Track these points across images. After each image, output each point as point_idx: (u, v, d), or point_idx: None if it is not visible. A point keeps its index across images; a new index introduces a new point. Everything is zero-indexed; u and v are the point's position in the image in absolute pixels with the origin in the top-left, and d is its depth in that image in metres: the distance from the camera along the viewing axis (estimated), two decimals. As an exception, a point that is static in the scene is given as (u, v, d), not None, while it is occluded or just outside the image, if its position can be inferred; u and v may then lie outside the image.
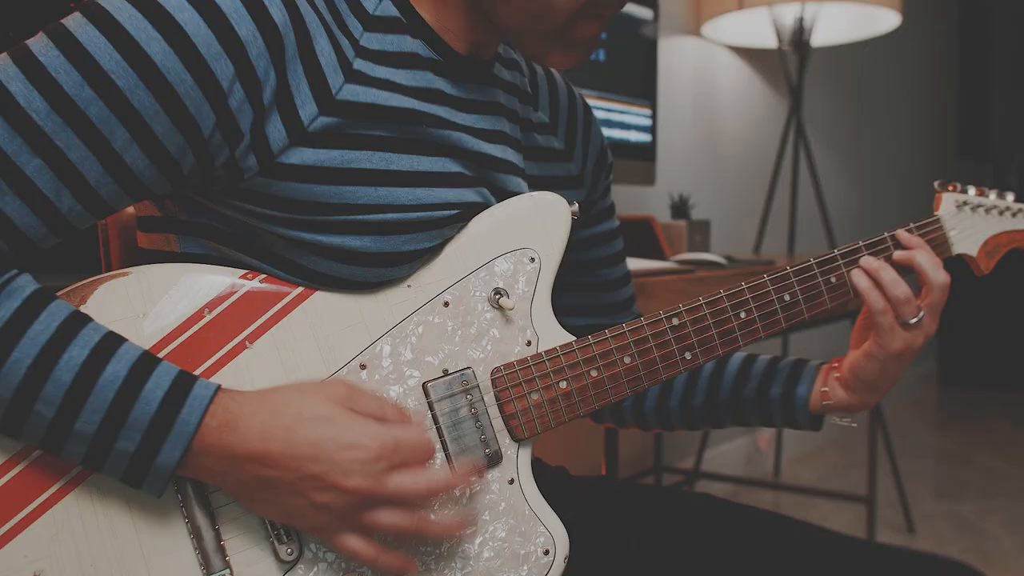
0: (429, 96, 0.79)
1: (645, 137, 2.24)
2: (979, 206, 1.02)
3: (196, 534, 0.69)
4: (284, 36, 0.69)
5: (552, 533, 0.80)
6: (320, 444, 0.65)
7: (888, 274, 0.89)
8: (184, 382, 0.65)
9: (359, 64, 0.74)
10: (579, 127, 1.02)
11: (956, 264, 0.99)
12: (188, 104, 0.66)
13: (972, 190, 1.02)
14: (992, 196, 1.04)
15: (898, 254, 0.91)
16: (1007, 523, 2.81)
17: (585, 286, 1.03)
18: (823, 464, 3.46)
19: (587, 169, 1.01)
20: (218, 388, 0.66)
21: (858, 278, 0.89)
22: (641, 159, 2.23)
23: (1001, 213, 1.04)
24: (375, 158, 0.74)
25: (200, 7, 0.65)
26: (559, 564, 0.79)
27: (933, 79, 4.76)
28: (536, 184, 0.93)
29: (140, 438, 0.63)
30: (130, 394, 0.63)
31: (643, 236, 2.02)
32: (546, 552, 0.79)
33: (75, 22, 0.65)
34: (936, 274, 0.90)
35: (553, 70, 1.01)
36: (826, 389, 0.94)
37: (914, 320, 0.88)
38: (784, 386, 0.97)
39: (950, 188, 1.02)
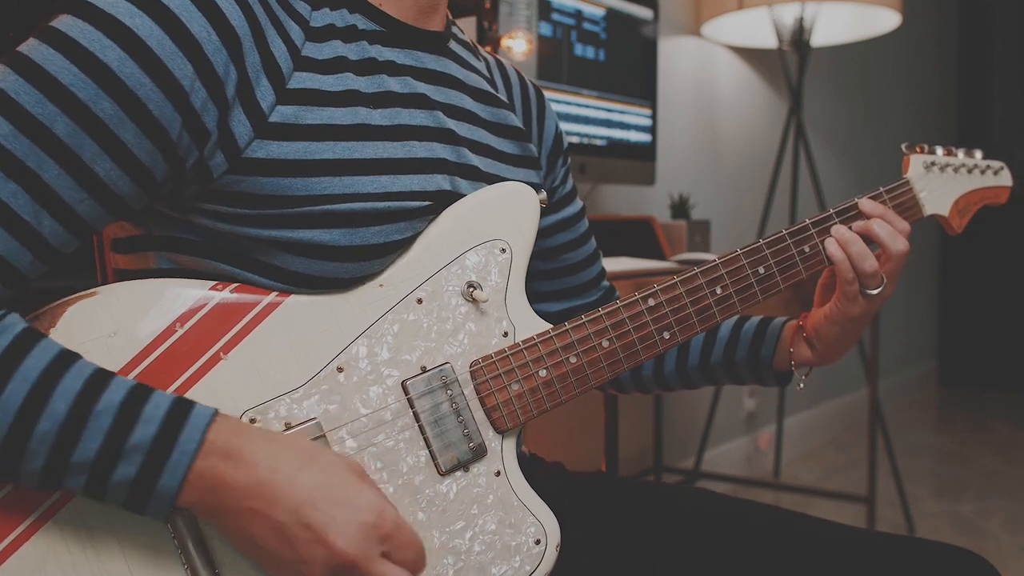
0: (380, 68, 0.80)
1: (645, 137, 2.24)
2: (947, 166, 1.02)
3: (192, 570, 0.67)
4: (237, 28, 0.69)
5: (542, 522, 0.80)
6: (324, 490, 0.63)
7: (857, 247, 0.91)
8: (183, 404, 0.64)
9: (309, 48, 0.75)
10: (533, 109, 1.03)
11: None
12: (152, 108, 0.66)
13: (940, 150, 1.03)
14: (960, 155, 1.04)
15: (857, 224, 0.92)
16: (1007, 523, 2.81)
17: (554, 272, 1.04)
18: (823, 464, 3.45)
19: (543, 152, 1.02)
20: (216, 412, 0.64)
21: (832, 248, 0.91)
22: (641, 159, 2.23)
23: (970, 171, 1.04)
24: (338, 147, 0.74)
25: (149, 10, 0.65)
26: (551, 553, 0.79)
27: (933, 79, 4.75)
28: (514, 162, 0.93)
29: (142, 460, 0.62)
30: (129, 417, 0.62)
31: (643, 236, 2.03)
32: (537, 542, 0.79)
33: (29, 46, 0.65)
34: (894, 243, 0.91)
35: (502, 59, 1.03)
36: (792, 349, 0.97)
37: (876, 291, 0.90)
38: (749, 349, 1.00)
39: (918, 149, 1.02)
